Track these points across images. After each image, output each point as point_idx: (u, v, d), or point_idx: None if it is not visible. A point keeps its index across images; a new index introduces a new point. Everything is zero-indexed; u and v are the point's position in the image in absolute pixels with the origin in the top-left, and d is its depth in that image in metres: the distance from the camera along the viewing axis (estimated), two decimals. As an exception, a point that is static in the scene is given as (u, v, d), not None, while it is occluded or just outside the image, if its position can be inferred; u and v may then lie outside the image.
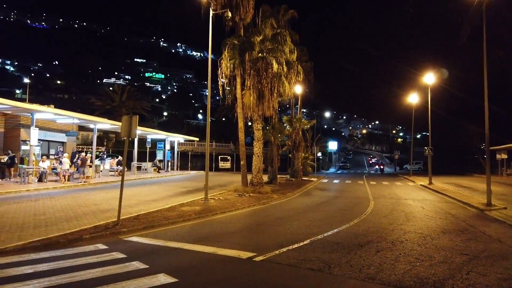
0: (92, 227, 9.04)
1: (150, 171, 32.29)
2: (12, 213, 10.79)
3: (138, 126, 10.25)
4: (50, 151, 25.42)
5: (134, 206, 12.71)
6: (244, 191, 17.84)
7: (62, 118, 23.39)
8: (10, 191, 15.93)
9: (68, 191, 17.39)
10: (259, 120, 19.98)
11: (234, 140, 49.82)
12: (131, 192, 16.54)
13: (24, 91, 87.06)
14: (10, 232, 8.24)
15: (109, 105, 50.79)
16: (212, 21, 16.23)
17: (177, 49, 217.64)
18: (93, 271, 5.72)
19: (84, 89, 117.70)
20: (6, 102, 18.20)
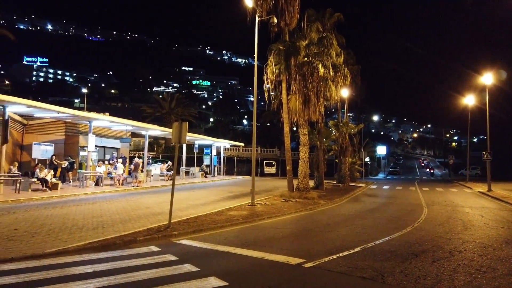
0: (145, 229, 9.40)
1: (198, 175, 33.07)
2: (73, 215, 11.49)
3: (187, 132, 10.55)
4: (105, 157, 26.81)
5: (183, 209, 13.06)
6: (290, 197, 17.74)
7: (117, 125, 24.63)
8: (70, 194, 17.00)
9: (122, 195, 18.24)
10: (305, 125, 19.83)
11: (279, 145, 49.82)
12: (180, 196, 17.02)
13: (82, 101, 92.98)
14: (71, 233, 8.78)
15: (159, 112, 52.81)
16: (258, 28, 16.40)
17: (223, 57, 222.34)
18: (148, 272, 5.93)
19: (135, 97, 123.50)
20: (67, 111, 19.51)
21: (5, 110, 16.12)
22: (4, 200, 14.06)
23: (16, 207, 12.88)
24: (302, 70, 18.27)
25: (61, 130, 24.10)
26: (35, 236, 8.31)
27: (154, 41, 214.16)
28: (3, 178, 16.10)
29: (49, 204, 14.01)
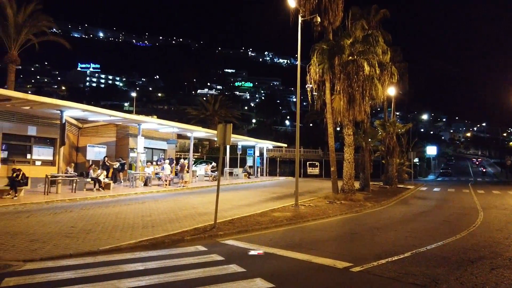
0: (192, 229, 9.62)
1: (241, 176, 33.39)
2: (124, 213, 12.02)
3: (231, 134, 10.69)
4: (153, 158, 27.81)
5: (228, 210, 13.23)
6: (335, 198, 17.42)
7: (164, 128, 25.48)
8: (121, 194, 17.80)
9: (169, 195, 18.82)
10: (349, 125, 19.39)
11: (322, 146, 49.10)
12: (224, 197, 17.26)
13: (131, 104, 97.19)
14: (123, 231, 9.18)
15: (203, 114, 54.00)
16: (301, 28, 16.29)
17: (265, 58, 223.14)
18: (195, 271, 6.05)
19: (181, 100, 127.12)
20: (118, 114, 20.47)
21: (62, 115, 17.22)
22: (62, 199, 14.99)
23: (72, 206, 13.69)
24: (347, 69, 17.89)
25: (112, 133, 25.32)
26: (90, 234, 8.77)
27: (198, 44, 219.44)
28: (61, 178, 17.18)
29: (102, 203, 14.76)
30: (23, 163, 18.50)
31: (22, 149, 19.33)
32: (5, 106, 16.21)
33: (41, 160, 19.83)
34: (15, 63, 27.90)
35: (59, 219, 10.76)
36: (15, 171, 15.10)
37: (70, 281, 5.45)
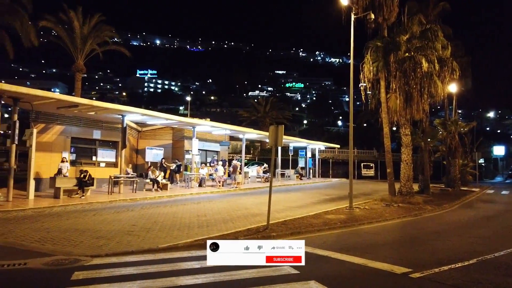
0: (245, 229, 9.74)
1: (293, 178, 33.24)
2: (181, 213, 12.47)
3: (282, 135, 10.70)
4: (207, 159, 28.56)
5: (280, 211, 13.23)
6: (392, 201, 16.75)
7: (217, 130, 26.09)
8: (178, 194, 18.49)
9: (222, 195, 19.23)
10: (406, 125, 18.57)
11: (377, 147, 47.46)
12: (276, 198, 17.28)
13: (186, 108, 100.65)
14: (180, 230, 9.52)
15: (255, 116, 54.51)
16: (353, 26, 15.90)
17: (316, 58, 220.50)
18: (249, 271, 6.11)
19: (233, 102, 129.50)
20: (174, 118, 21.33)
21: (124, 119, 18.24)
22: (124, 199, 15.89)
23: (133, 205, 14.45)
24: (403, 66, 17.16)
25: (169, 136, 26.36)
26: (150, 232, 9.20)
27: (249, 47, 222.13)
28: (123, 179, 18.21)
29: (160, 203, 15.43)
30: (89, 164, 19.88)
31: (88, 151, 20.78)
32: (73, 112, 17.53)
33: (105, 162, 21.17)
34: (81, 72, 30.06)
35: (121, 217, 11.42)
36: (82, 172, 16.25)
37: (133, 276, 5.75)
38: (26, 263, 6.44)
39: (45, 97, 14.67)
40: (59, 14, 28.33)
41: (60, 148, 18.52)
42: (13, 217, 11.19)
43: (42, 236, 8.57)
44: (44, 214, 11.82)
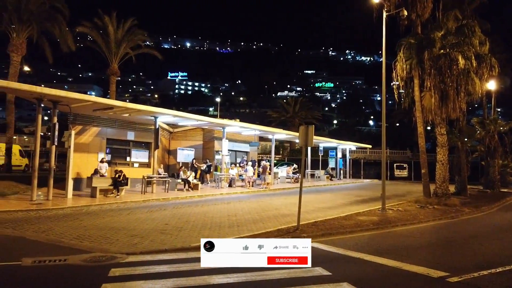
0: (275, 230, 9.73)
1: (323, 178, 32.89)
2: (211, 213, 12.62)
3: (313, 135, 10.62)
4: (236, 160, 28.76)
5: (311, 212, 13.13)
6: (427, 203, 16.23)
7: (246, 130, 26.22)
8: (208, 194, 18.73)
9: (252, 196, 19.30)
10: (442, 124, 17.94)
11: (410, 147, 46.18)
12: (306, 199, 17.10)
13: (215, 109, 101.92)
14: (211, 229, 9.64)
15: (284, 116, 54.37)
16: (385, 23, 15.54)
17: (346, 56, 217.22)
18: (280, 272, 6.09)
19: (262, 103, 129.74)
20: (204, 119, 21.65)
21: (156, 120, 18.68)
22: (157, 198, 16.27)
23: (166, 205, 14.76)
24: (438, 63, 16.59)
25: (199, 136, 26.76)
26: (182, 231, 9.37)
27: (278, 48, 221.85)
28: (156, 179, 18.65)
29: (192, 202, 15.68)
30: (123, 165, 20.49)
31: (122, 152, 21.42)
32: (108, 114, 18.14)
33: (138, 162, 21.76)
34: (115, 75, 31.05)
35: (154, 216, 11.70)
36: (117, 172, 16.77)
37: (166, 274, 5.88)
38: (66, 259, 6.72)
39: (82, 100, 15.26)
40: (95, 20, 29.41)
41: (96, 149, 19.20)
42: (53, 215, 11.71)
43: (80, 233, 8.91)
44: (82, 213, 12.29)
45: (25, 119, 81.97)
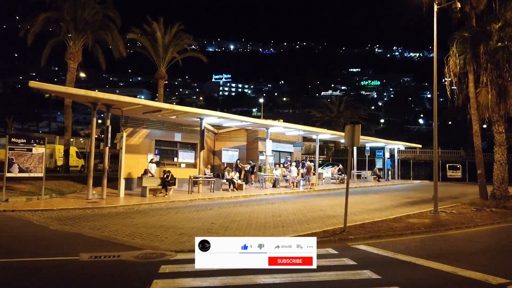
0: (321, 231, 9.58)
1: (370, 179, 31.98)
2: (256, 213, 12.68)
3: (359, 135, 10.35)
4: (280, 160, 28.71)
5: (357, 214, 12.80)
6: (483, 205, 15.25)
7: (290, 131, 26.11)
8: (253, 194, 18.86)
9: (296, 196, 19.17)
10: (500, 122, 16.78)
11: (464, 146, 43.81)
12: (353, 200, 16.70)
13: (259, 110, 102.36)
14: (256, 230, 9.68)
15: (328, 116, 53.52)
16: (436, 17, 14.83)
17: (393, 53, 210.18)
18: (328, 273, 6.00)
19: (305, 103, 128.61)
20: (248, 119, 21.84)
21: (202, 122, 19.12)
22: (203, 198, 16.64)
23: (211, 204, 15.06)
24: (495, 57, 15.55)
25: (243, 137, 27.05)
26: (228, 230, 9.50)
27: (322, 46, 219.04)
28: (201, 179, 19.08)
29: (236, 202, 15.86)
30: (171, 165, 21.16)
31: (169, 153, 22.14)
32: (157, 116, 18.83)
33: (185, 163, 22.38)
34: (163, 79, 32.19)
35: (201, 215, 11.96)
36: (165, 172, 17.36)
37: (214, 272, 5.96)
38: (119, 255, 7.05)
39: (132, 103, 15.97)
40: (143, 26, 30.68)
41: (146, 150, 19.99)
42: (107, 213, 12.34)
43: (132, 231, 9.31)
44: (133, 211, 12.84)
45: (80, 123, 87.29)
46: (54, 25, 26.50)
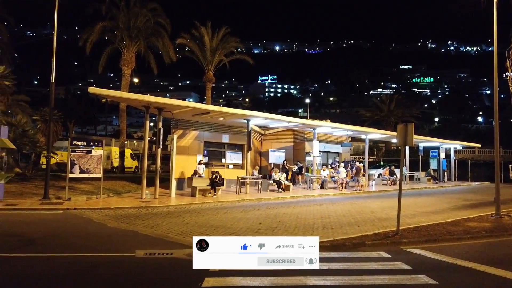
0: (372, 234, 9.30)
1: (424, 181, 30.55)
2: (304, 214, 12.57)
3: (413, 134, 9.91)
4: (328, 161, 28.25)
5: (411, 217, 12.27)
6: (554, 209, 13.99)
7: (338, 131, 25.62)
8: (300, 196, 18.72)
9: (345, 198, 18.76)
10: None
11: (529, 145, 40.48)
12: (406, 202, 15.99)
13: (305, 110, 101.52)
14: (304, 231, 9.59)
15: (377, 115, 51.84)
16: (496, 8, 13.84)
17: (448, 48, 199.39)
18: (381, 277, 5.81)
19: (353, 102, 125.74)
20: (295, 120, 21.75)
21: (248, 123, 19.30)
22: (250, 198, 16.78)
23: (259, 205, 15.14)
24: None
25: (290, 138, 26.94)
26: (275, 231, 9.49)
27: (370, 44, 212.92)
28: (249, 180, 19.25)
29: (284, 203, 15.82)
30: (219, 166, 21.56)
31: (217, 154, 22.58)
32: (205, 118, 19.29)
33: (233, 164, 22.71)
34: (211, 82, 32.95)
35: (249, 216, 12.07)
36: (214, 173, 17.72)
37: (263, 272, 5.96)
38: (172, 253, 7.30)
39: (183, 106, 16.50)
40: (192, 31, 31.59)
41: (195, 151, 20.55)
42: (159, 212, 12.82)
43: (184, 230, 9.60)
44: (184, 210, 13.24)
45: (134, 126, 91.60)
46: (109, 34, 28.10)
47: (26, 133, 19.34)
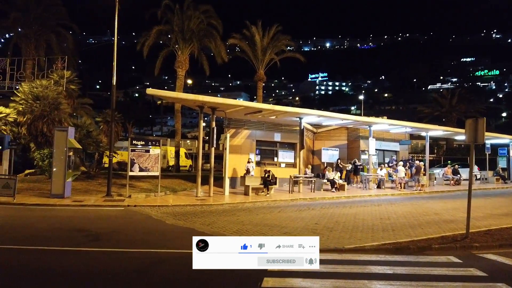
0: (438, 237, 8.67)
1: (491, 180, 28.31)
2: (361, 215, 12.07)
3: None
4: (384, 160, 27.09)
5: (480, 219, 11.35)
6: None
7: (395, 128, 24.46)
8: (356, 195, 18.11)
9: (404, 198, 17.85)
10: None
11: None
12: (473, 204, 14.61)
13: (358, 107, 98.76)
14: (363, 232, 9.17)
15: (437, 111, 49.03)
16: None
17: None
18: (453, 284, 5.33)
19: (409, 98, 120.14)
20: (349, 117, 21.08)
21: (301, 121, 19.00)
22: (303, 198, 16.50)
23: (313, 204, 14.82)
24: None
25: (343, 136, 26.17)
26: (333, 232, 9.17)
27: (428, 37, 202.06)
28: (302, 179, 18.96)
29: (339, 203, 15.36)
30: (271, 165, 21.48)
31: (269, 153, 22.49)
32: (257, 117, 19.27)
33: (285, 163, 22.52)
34: (262, 81, 32.97)
35: (303, 215, 11.82)
36: (266, 172, 17.64)
37: (323, 274, 5.75)
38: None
39: (236, 105, 16.61)
40: (243, 31, 31.81)
41: (247, 150, 20.62)
42: (214, 210, 12.97)
43: (239, 228, 9.58)
44: (238, 209, 13.28)
45: (187, 126, 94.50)
46: (164, 37, 29.11)
47: (90, 134, 20.56)
